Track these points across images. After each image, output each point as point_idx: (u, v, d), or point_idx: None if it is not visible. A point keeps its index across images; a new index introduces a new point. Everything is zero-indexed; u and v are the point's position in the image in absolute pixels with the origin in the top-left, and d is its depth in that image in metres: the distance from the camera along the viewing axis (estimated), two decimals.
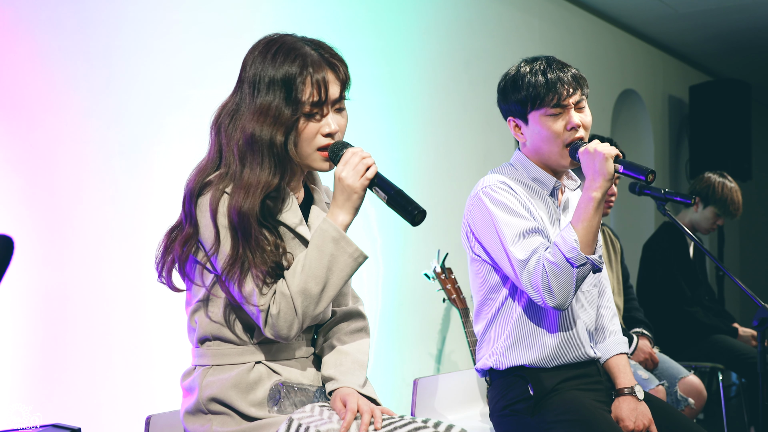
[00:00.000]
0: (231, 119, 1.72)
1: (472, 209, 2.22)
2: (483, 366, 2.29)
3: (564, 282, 2.04)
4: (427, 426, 1.64)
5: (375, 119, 3.63)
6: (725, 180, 4.11)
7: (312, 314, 1.68)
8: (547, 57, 2.26)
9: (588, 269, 2.07)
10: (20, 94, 2.40)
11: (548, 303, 2.07)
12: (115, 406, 2.56)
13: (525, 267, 2.08)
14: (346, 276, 1.69)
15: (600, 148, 2.07)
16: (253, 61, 1.73)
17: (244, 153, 1.69)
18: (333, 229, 1.67)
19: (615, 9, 5.48)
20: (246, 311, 1.69)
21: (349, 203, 1.70)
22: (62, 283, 2.48)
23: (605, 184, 2.07)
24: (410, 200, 1.68)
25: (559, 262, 2.04)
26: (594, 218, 2.06)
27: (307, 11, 3.36)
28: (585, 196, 2.08)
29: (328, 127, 1.72)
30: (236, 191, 1.66)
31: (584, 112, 2.22)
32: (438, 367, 3.93)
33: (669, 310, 4.03)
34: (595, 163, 2.07)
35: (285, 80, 1.68)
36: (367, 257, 1.72)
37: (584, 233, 2.06)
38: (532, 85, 2.19)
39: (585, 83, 2.24)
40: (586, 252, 2.06)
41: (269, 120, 1.68)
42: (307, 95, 1.69)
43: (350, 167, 1.68)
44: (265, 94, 1.69)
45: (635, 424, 2.17)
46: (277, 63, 1.70)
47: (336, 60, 1.75)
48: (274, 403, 1.71)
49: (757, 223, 8.41)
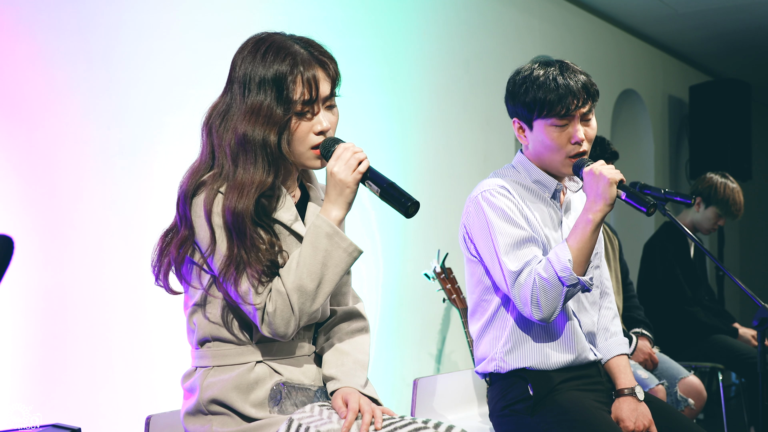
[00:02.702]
0: (222, 120, 1.72)
1: (469, 212, 2.22)
2: (483, 371, 2.29)
3: (552, 298, 2.05)
4: (428, 427, 1.64)
5: (375, 119, 3.63)
6: (727, 180, 4.12)
7: (309, 311, 1.67)
8: (560, 63, 2.20)
9: (578, 290, 2.07)
10: (20, 95, 2.40)
11: (534, 316, 2.07)
12: (115, 406, 2.56)
13: (516, 279, 2.08)
14: (342, 271, 1.69)
15: (605, 172, 2.05)
16: (243, 60, 1.73)
17: (236, 153, 1.69)
18: (326, 225, 1.67)
19: (615, 9, 5.48)
20: (243, 311, 1.69)
21: (341, 198, 1.70)
22: (62, 283, 2.48)
23: (606, 209, 2.06)
24: (403, 192, 1.68)
25: (550, 279, 2.04)
26: (590, 240, 2.06)
27: (307, 11, 3.36)
28: (584, 217, 2.07)
29: (320, 125, 1.72)
30: (230, 191, 1.66)
31: (590, 124, 2.19)
32: (438, 367, 3.93)
33: (669, 309, 4.03)
34: (599, 186, 2.06)
35: (276, 79, 1.68)
36: (362, 252, 1.72)
37: (578, 253, 2.05)
38: (542, 93, 2.14)
39: (596, 93, 2.19)
40: (578, 272, 2.06)
41: (261, 120, 1.67)
42: (298, 94, 1.69)
43: (342, 162, 1.68)
44: (256, 94, 1.69)
45: (635, 424, 2.17)
46: (267, 62, 1.69)
47: (325, 57, 1.74)
48: (275, 403, 1.71)
49: (757, 223, 8.41)
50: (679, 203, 3.35)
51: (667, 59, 6.59)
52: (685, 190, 6.59)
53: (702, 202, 4.11)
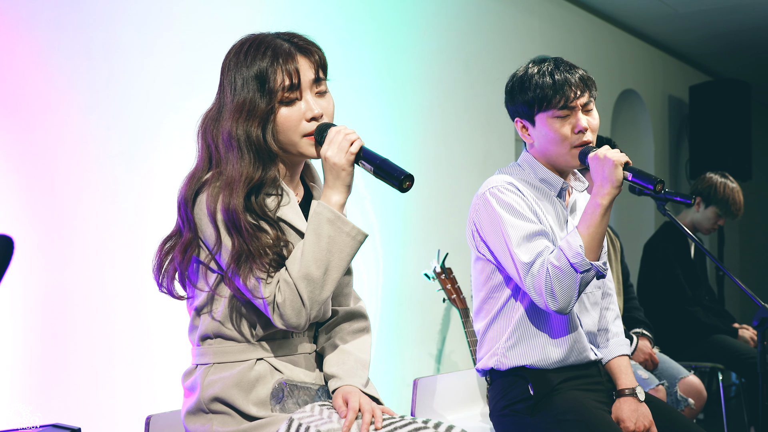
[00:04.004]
0: (214, 123, 1.73)
1: (478, 209, 2.22)
2: (484, 366, 2.29)
3: (567, 286, 2.04)
4: (428, 426, 1.64)
5: (375, 119, 3.63)
6: (727, 180, 4.12)
7: (319, 299, 1.66)
8: (555, 58, 2.24)
9: (592, 275, 2.07)
10: (20, 94, 2.40)
11: (550, 307, 2.07)
12: (115, 406, 2.56)
13: (529, 270, 2.08)
14: (348, 256, 1.68)
15: (610, 155, 2.06)
16: (229, 64, 1.75)
17: (226, 152, 1.70)
18: (327, 211, 1.67)
19: (615, 9, 5.48)
20: (255, 305, 1.69)
21: (339, 182, 1.69)
22: (62, 283, 2.47)
23: (613, 191, 2.06)
24: (395, 167, 1.66)
25: (563, 267, 2.04)
26: (600, 225, 2.06)
27: (307, 10, 3.36)
28: (592, 201, 2.07)
29: (310, 112, 1.72)
30: (223, 189, 1.66)
31: (592, 114, 2.21)
32: (438, 367, 3.93)
33: (669, 309, 4.03)
34: (605, 169, 2.06)
35: (258, 75, 1.69)
36: (367, 235, 1.71)
37: (589, 239, 2.05)
38: (540, 87, 2.17)
39: (593, 85, 2.22)
40: (590, 258, 2.05)
41: (244, 115, 1.68)
42: (279, 82, 1.69)
43: (335, 145, 1.68)
44: (241, 92, 1.70)
45: (636, 425, 2.17)
46: (249, 60, 1.71)
47: (309, 45, 1.75)
48: (278, 401, 1.71)
49: (757, 223, 8.41)
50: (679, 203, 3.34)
51: (667, 59, 6.59)
52: (685, 190, 6.59)
53: (702, 202, 4.11)
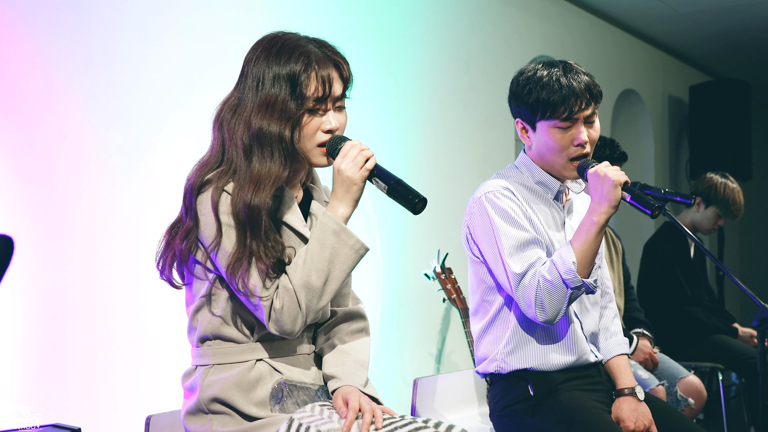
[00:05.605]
0: (233, 114, 1.72)
1: (473, 213, 2.21)
2: (484, 371, 2.29)
3: (557, 300, 2.05)
4: (428, 426, 1.64)
5: (375, 120, 3.63)
6: (727, 180, 4.12)
7: (316, 308, 1.67)
8: (564, 64, 2.18)
9: (581, 292, 2.07)
10: (20, 94, 2.40)
11: (539, 318, 2.07)
12: (115, 406, 2.56)
13: (520, 281, 2.08)
14: (348, 268, 1.70)
15: (610, 174, 2.04)
16: (257, 58, 1.73)
17: (249, 147, 1.69)
18: (333, 222, 1.68)
19: (615, 9, 5.48)
20: (249, 307, 1.69)
21: (348, 195, 1.70)
22: (62, 283, 2.48)
23: (610, 211, 2.05)
24: (410, 189, 1.69)
25: (554, 281, 2.04)
26: (594, 242, 2.05)
27: (307, 10, 3.36)
28: (588, 219, 2.06)
29: (329, 124, 1.73)
30: (245, 185, 1.66)
31: (594, 126, 2.18)
32: (438, 367, 3.93)
33: (669, 309, 4.03)
34: (603, 188, 2.05)
35: (290, 75, 1.69)
36: (369, 249, 1.73)
37: (582, 256, 2.05)
38: (545, 94, 2.13)
39: (599, 95, 2.17)
40: (582, 274, 2.05)
41: (276, 114, 1.68)
42: (311, 90, 1.70)
43: (349, 159, 1.69)
44: (270, 88, 1.69)
45: (636, 424, 2.17)
46: (281, 60, 1.70)
47: (339, 58, 1.76)
48: (277, 402, 1.71)
49: (757, 223, 8.41)
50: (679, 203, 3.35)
51: (667, 59, 6.59)
52: (685, 190, 6.59)
53: (702, 202, 4.11)
